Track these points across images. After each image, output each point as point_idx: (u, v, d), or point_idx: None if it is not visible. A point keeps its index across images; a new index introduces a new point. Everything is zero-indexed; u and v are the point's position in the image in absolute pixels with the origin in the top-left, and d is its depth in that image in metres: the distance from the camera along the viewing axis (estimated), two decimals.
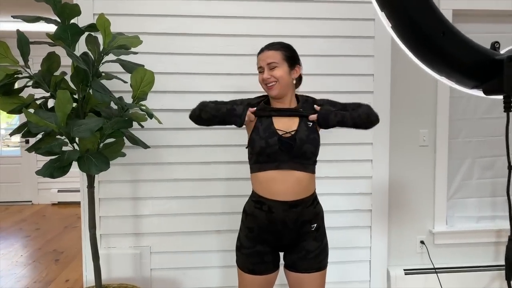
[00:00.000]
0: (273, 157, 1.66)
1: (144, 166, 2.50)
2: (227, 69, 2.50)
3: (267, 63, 1.69)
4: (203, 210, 2.54)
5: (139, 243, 2.52)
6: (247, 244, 1.73)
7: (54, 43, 1.95)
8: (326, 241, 1.79)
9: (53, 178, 1.77)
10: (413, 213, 2.87)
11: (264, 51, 1.73)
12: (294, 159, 1.66)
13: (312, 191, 1.73)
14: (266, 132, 1.68)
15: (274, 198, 1.66)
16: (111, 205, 2.49)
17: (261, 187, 1.70)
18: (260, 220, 1.70)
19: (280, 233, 1.69)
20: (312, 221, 1.72)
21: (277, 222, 1.67)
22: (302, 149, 1.66)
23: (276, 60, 1.69)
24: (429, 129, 2.84)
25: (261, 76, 1.73)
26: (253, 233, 1.73)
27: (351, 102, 1.81)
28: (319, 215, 1.76)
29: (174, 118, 2.48)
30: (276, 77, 1.68)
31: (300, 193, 1.67)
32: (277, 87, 1.70)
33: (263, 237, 1.72)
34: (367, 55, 2.57)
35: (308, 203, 1.70)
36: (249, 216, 1.74)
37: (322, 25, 2.54)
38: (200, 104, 1.81)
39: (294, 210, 1.66)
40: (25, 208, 5.85)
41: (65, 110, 1.76)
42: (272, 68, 1.69)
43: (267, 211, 1.67)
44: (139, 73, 1.89)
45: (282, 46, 1.74)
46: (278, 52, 1.71)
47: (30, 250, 4.03)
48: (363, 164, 2.62)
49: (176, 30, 2.45)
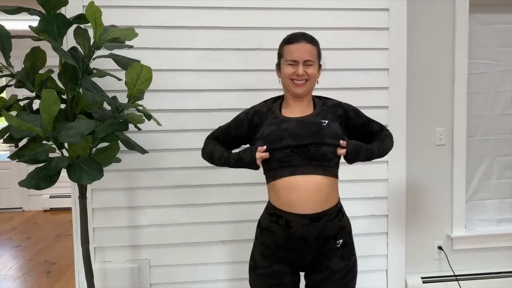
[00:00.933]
0: (286, 161, 1.47)
1: (142, 172, 2.29)
2: (231, 65, 2.29)
3: (304, 59, 1.49)
4: (206, 218, 2.34)
5: (137, 256, 2.31)
6: (263, 264, 1.53)
7: (38, 37, 1.74)
8: (355, 259, 1.58)
9: (38, 189, 1.56)
10: (430, 217, 2.69)
11: (301, 42, 1.51)
12: (312, 161, 1.46)
13: (335, 200, 1.53)
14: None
15: (292, 211, 1.45)
16: (105, 215, 2.28)
17: (276, 198, 1.50)
18: (277, 235, 1.49)
19: (300, 250, 1.48)
20: (337, 236, 1.51)
21: (296, 238, 1.46)
22: (320, 150, 1.47)
23: (313, 58, 1.52)
24: (446, 127, 2.66)
25: (291, 69, 1.50)
26: (270, 251, 1.52)
27: (372, 118, 1.69)
28: (345, 229, 1.55)
29: (172, 119, 2.27)
30: (309, 74, 1.51)
31: (321, 203, 1.46)
32: (306, 85, 1.53)
33: (280, 255, 1.51)
34: (381, 48, 2.38)
35: (332, 215, 1.49)
36: (265, 231, 1.54)
37: (332, 16, 2.34)
38: (205, 152, 1.69)
39: (316, 225, 1.46)
40: (15, 215, 5.60)
41: (51, 112, 1.55)
42: (308, 65, 1.51)
43: (284, 226, 1.47)
44: (134, 69, 1.68)
45: (316, 41, 1.57)
46: (315, 48, 1.54)
47: (20, 261, 3.80)
48: (379, 166, 2.43)
49: (174, 23, 2.24)
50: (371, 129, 1.65)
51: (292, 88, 1.52)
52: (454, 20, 2.58)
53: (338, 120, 1.56)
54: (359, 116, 1.64)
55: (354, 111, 1.64)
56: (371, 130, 1.65)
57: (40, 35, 1.68)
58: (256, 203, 2.14)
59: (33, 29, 1.65)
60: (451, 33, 2.59)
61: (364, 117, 1.65)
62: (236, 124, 1.65)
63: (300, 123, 1.51)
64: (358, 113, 1.64)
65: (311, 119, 1.52)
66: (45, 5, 1.66)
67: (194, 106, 2.29)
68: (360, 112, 1.65)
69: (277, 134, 1.49)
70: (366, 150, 1.54)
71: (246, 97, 2.31)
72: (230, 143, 1.67)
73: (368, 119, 1.66)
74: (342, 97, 2.33)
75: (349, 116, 1.61)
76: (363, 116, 1.65)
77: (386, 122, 2.41)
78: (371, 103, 2.39)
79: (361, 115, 1.65)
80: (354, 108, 1.65)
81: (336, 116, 1.57)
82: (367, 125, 1.64)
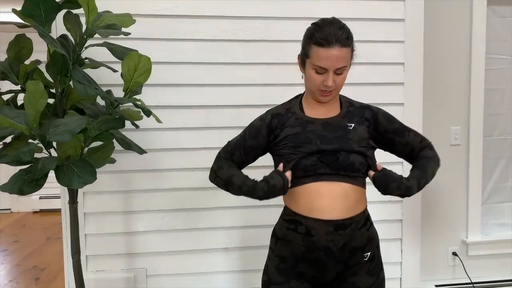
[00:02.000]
0: (311, 170, 1.29)
1: (138, 173, 2.10)
2: (235, 57, 2.12)
3: (336, 68, 1.26)
4: (208, 224, 2.16)
5: (132, 265, 2.12)
6: (278, 279, 1.34)
7: (23, 23, 1.55)
8: (384, 275, 1.41)
9: (22, 195, 1.37)
10: (444, 221, 2.54)
11: (334, 47, 1.24)
12: (340, 171, 1.29)
13: (363, 207, 1.36)
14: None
15: (315, 216, 1.27)
16: (98, 221, 2.09)
17: (296, 203, 1.32)
18: (295, 246, 1.31)
19: (323, 264, 1.30)
20: (365, 248, 1.34)
21: (319, 249, 1.28)
22: (349, 159, 1.30)
23: (346, 64, 1.29)
24: (462, 126, 2.51)
25: (319, 77, 1.28)
26: (286, 264, 1.34)
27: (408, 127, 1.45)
28: (374, 240, 1.38)
29: (171, 116, 2.09)
30: (338, 84, 1.30)
31: (349, 209, 1.29)
32: (333, 94, 1.33)
33: (299, 270, 1.33)
34: (396, 40, 2.22)
35: (359, 223, 1.32)
36: (281, 241, 1.36)
37: (343, 5, 2.17)
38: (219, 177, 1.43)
39: (342, 233, 1.28)
40: (3, 217, 5.35)
41: (37, 107, 1.36)
42: (339, 74, 1.28)
43: (304, 234, 1.29)
44: (132, 59, 1.50)
45: (349, 36, 1.30)
46: (349, 50, 1.29)
47: (7, 267, 3.58)
48: (393, 167, 2.20)
49: (173, 12, 2.06)
50: (408, 139, 1.41)
51: (317, 96, 1.34)
52: (471, 12, 2.43)
53: (366, 124, 1.38)
54: (391, 121, 1.42)
55: (385, 115, 1.43)
56: (407, 141, 1.42)
57: (25, 21, 1.49)
58: (263, 207, 1.99)
59: (17, 13, 1.46)
60: (468, 26, 2.44)
61: (397, 124, 1.43)
62: (253, 133, 1.42)
63: (327, 125, 1.34)
64: (389, 118, 1.43)
65: (337, 122, 1.35)
66: None
67: (194, 102, 2.11)
68: (392, 118, 1.44)
69: (305, 136, 1.32)
70: (399, 186, 1.31)
71: (251, 92, 2.14)
72: (247, 156, 1.43)
73: (403, 127, 1.44)
74: (353, 94, 2.16)
75: (378, 120, 1.40)
76: (396, 122, 1.43)
77: (401, 120, 2.24)
78: (385, 99, 2.22)
79: (394, 120, 1.44)
80: (385, 112, 1.44)
81: (363, 118, 1.38)
82: (401, 134, 1.41)
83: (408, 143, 1.42)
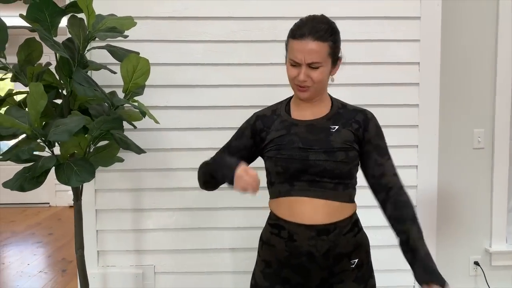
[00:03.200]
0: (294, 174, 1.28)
1: (147, 172, 2.15)
2: (243, 58, 2.11)
3: (308, 62, 1.22)
4: (215, 224, 2.17)
5: (141, 262, 2.17)
6: (264, 284, 1.33)
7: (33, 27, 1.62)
8: (373, 283, 1.36)
9: (23, 191, 1.44)
10: (465, 228, 2.41)
11: (307, 39, 1.21)
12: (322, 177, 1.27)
13: (350, 211, 1.32)
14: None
15: (297, 221, 1.25)
16: (109, 217, 2.15)
17: (279, 207, 1.31)
18: (279, 251, 1.30)
19: (306, 270, 1.27)
20: (352, 255, 1.29)
21: (301, 254, 1.25)
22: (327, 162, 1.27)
23: (321, 59, 1.22)
24: (486, 129, 2.37)
25: (293, 71, 1.26)
26: (271, 269, 1.32)
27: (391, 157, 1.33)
28: (362, 246, 1.32)
29: (180, 116, 2.12)
30: (314, 80, 1.24)
31: (332, 214, 1.26)
32: (310, 90, 1.27)
33: (283, 275, 1.31)
34: (411, 39, 2.13)
35: (345, 229, 1.28)
36: (265, 245, 1.35)
37: (356, 3, 2.11)
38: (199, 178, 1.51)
39: (325, 238, 1.24)
40: (42, 210, 5.66)
41: (37, 108, 1.43)
42: (313, 68, 1.23)
43: (287, 239, 1.27)
44: (130, 61, 1.54)
45: (331, 32, 1.26)
46: (325, 44, 1.23)
47: (38, 258, 3.79)
48: (407, 171, 2.16)
49: (182, 13, 2.08)
50: (384, 162, 1.30)
51: (295, 91, 1.31)
52: (497, 8, 2.29)
53: (354, 126, 1.30)
54: (379, 137, 1.33)
55: (377, 127, 1.33)
56: (382, 163, 1.30)
57: (32, 25, 1.56)
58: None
59: (24, 18, 1.53)
60: (494, 23, 2.30)
61: (384, 144, 1.33)
62: (238, 134, 1.45)
63: (311, 127, 1.30)
64: (379, 133, 1.33)
65: (321, 124, 1.31)
66: None
67: (203, 102, 2.12)
68: (382, 135, 1.34)
69: (288, 139, 1.29)
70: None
71: (259, 93, 2.13)
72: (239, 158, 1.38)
73: (387, 150, 1.33)
74: (366, 94, 2.15)
75: (368, 127, 1.31)
76: (383, 141, 1.34)
77: (416, 122, 2.17)
78: (399, 100, 2.16)
79: (382, 138, 1.34)
80: (378, 126, 1.34)
81: (352, 121, 1.31)
82: (381, 154, 1.31)
83: (383, 165, 1.30)
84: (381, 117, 1.41)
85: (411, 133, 2.17)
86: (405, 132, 2.17)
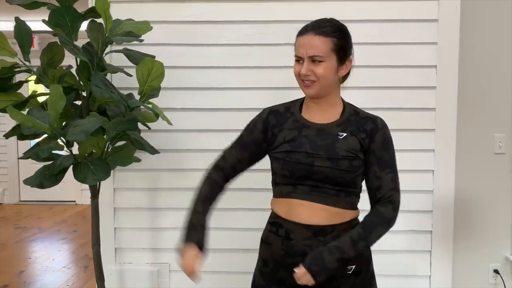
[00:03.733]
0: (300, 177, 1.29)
1: (163, 172, 2.20)
2: (259, 61, 2.14)
3: (309, 55, 1.23)
4: (229, 224, 2.20)
5: (157, 260, 2.23)
6: (261, 282, 1.35)
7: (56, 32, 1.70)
8: None
9: (42, 188, 1.51)
10: (484, 235, 2.35)
11: (308, 34, 1.24)
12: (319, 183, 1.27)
13: (351, 216, 1.30)
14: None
15: (294, 220, 1.26)
16: (127, 215, 2.22)
17: (279, 205, 1.33)
18: (275, 249, 1.31)
19: None
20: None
21: (297, 253, 1.25)
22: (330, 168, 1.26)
23: (323, 53, 1.22)
24: (507, 133, 2.31)
25: (297, 67, 1.27)
26: (267, 268, 1.34)
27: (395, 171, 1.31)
28: (361, 253, 1.27)
29: (197, 118, 2.17)
30: (317, 75, 1.23)
31: (331, 217, 1.25)
32: (315, 86, 1.25)
33: (279, 275, 1.31)
34: (428, 42, 2.11)
35: (343, 232, 1.25)
36: (263, 243, 1.37)
37: (372, 6, 2.11)
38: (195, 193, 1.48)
39: (321, 239, 1.23)
40: (68, 208, 5.85)
41: (57, 108, 1.50)
42: (315, 62, 1.23)
43: (284, 237, 1.28)
44: (145, 64, 1.59)
45: (335, 29, 1.26)
46: (328, 39, 1.23)
47: (63, 253, 3.92)
48: (423, 176, 2.16)
49: (200, 18, 2.13)
50: (383, 176, 1.27)
51: (302, 89, 1.31)
52: None
53: (362, 136, 1.27)
54: (385, 149, 1.29)
55: (385, 138, 1.29)
56: (381, 177, 1.27)
57: (54, 30, 1.64)
58: None
59: (46, 23, 1.61)
60: None
61: (387, 157, 1.29)
62: (249, 129, 1.41)
63: (320, 131, 1.29)
64: (387, 146, 1.29)
65: (330, 129, 1.29)
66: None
67: (219, 105, 2.16)
68: (389, 148, 1.30)
69: (298, 141, 1.28)
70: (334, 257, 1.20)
71: (275, 96, 2.12)
72: (243, 153, 1.40)
73: (390, 164, 1.29)
74: (382, 97, 2.14)
75: (375, 138, 1.28)
76: (389, 154, 1.29)
77: (433, 126, 2.14)
78: (415, 104, 2.13)
79: (388, 151, 1.29)
80: (387, 137, 1.30)
81: (361, 130, 1.28)
82: (382, 166, 1.27)
83: (381, 179, 1.27)
84: (397, 121, 1.40)
85: (427, 137, 2.14)
86: (422, 136, 2.15)
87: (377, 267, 2.18)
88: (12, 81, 1.73)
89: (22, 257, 3.84)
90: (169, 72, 2.08)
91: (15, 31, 1.67)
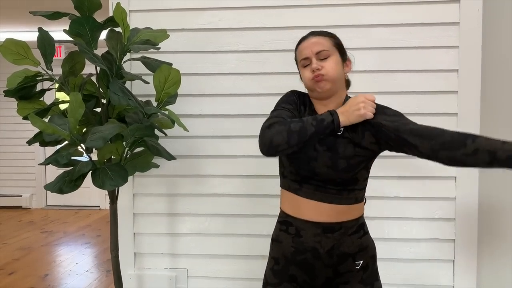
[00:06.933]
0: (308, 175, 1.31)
1: (182, 178, 2.22)
2: (276, 67, 2.14)
3: (315, 52, 1.29)
4: (248, 230, 2.20)
5: (175, 265, 2.24)
6: (273, 281, 1.37)
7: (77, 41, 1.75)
8: (380, 285, 1.35)
9: (61, 194, 1.54)
10: (510, 243, 2.27)
11: (309, 38, 1.35)
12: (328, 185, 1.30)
13: (357, 214, 1.33)
14: None
15: (303, 218, 1.29)
16: (146, 221, 2.25)
17: (288, 205, 1.35)
18: (286, 247, 1.33)
19: (311, 267, 1.30)
20: (357, 256, 1.31)
21: (306, 250, 1.29)
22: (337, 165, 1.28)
23: (327, 48, 1.29)
24: None
25: (307, 72, 1.30)
26: (279, 266, 1.36)
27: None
28: (367, 249, 1.33)
29: (214, 124, 2.18)
30: (327, 68, 1.27)
31: (338, 215, 1.29)
32: (328, 81, 1.28)
33: (291, 272, 1.34)
34: (450, 46, 2.06)
35: (350, 230, 1.30)
36: (274, 242, 1.39)
37: (391, 11, 2.08)
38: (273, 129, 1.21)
39: (330, 236, 1.28)
40: (92, 213, 5.97)
41: (76, 116, 1.53)
42: (323, 58, 1.28)
43: (294, 235, 1.31)
44: (162, 72, 1.61)
45: (329, 33, 1.37)
46: (327, 38, 1.33)
47: (86, 258, 3.99)
48: (445, 182, 2.10)
49: (217, 25, 2.15)
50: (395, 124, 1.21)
51: (315, 88, 1.31)
52: None
53: (368, 126, 1.27)
54: (386, 114, 1.27)
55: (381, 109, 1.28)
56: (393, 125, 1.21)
57: (74, 39, 1.68)
58: None
59: (67, 32, 1.66)
60: None
61: (388, 112, 1.27)
62: (288, 100, 1.38)
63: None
64: (386, 111, 1.28)
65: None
66: (80, 9, 1.67)
67: (236, 111, 2.17)
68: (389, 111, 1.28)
69: None
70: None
71: None
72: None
73: (394, 113, 1.27)
74: (402, 103, 2.10)
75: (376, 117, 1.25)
76: (388, 110, 1.28)
77: None
78: (437, 109, 2.09)
79: (388, 111, 1.28)
80: (383, 106, 1.30)
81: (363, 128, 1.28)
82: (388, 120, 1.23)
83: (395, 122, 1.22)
84: None
85: None
86: None
87: (399, 277, 2.16)
88: (35, 89, 1.78)
89: (47, 260, 3.93)
90: (187, 79, 2.11)
91: (38, 41, 1.72)
